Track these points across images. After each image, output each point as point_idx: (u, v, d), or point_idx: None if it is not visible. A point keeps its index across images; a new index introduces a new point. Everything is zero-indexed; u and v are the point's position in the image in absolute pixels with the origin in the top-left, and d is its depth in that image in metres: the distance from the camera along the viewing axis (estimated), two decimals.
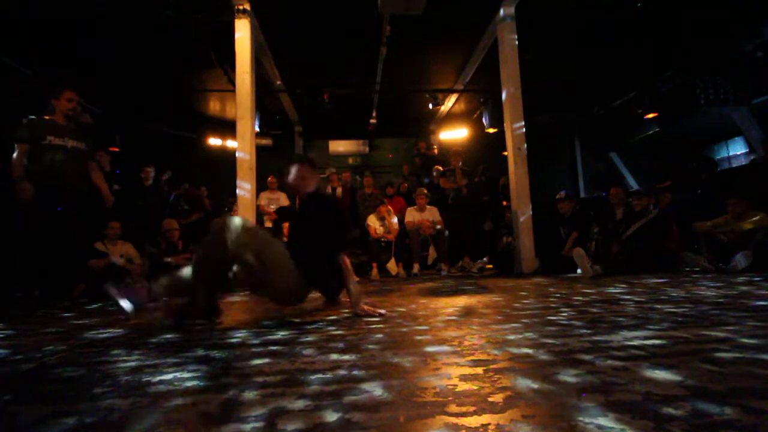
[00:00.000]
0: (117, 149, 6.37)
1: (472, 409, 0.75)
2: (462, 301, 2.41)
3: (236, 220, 1.83)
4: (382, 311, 1.97)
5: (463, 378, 0.93)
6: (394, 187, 6.78)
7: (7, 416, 0.81)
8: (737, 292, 2.22)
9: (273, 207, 6.15)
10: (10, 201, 3.11)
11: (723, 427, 0.64)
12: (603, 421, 0.67)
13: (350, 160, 9.41)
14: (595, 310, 1.84)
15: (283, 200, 6.32)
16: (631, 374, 0.90)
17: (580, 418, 0.68)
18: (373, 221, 5.23)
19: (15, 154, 3.13)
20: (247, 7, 4.40)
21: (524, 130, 4.66)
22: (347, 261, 2.09)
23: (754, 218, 3.75)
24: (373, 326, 1.66)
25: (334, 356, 1.18)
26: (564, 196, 4.82)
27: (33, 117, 3.26)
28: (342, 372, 1.02)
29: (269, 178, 6.29)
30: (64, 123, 3.34)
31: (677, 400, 0.75)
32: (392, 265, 5.01)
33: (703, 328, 1.35)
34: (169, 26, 4.78)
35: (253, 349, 1.33)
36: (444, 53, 6.15)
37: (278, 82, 6.67)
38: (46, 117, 3.31)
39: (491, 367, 1.01)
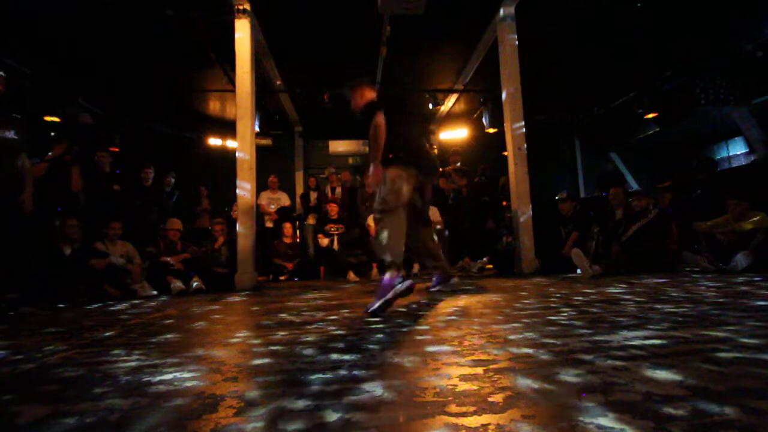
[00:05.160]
0: (117, 149, 6.37)
1: (472, 409, 0.75)
2: (462, 301, 2.41)
3: None
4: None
5: (463, 378, 0.93)
6: None
7: (7, 416, 0.81)
8: (737, 292, 2.22)
9: (273, 207, 6.15)
10: None
11: (723, 427, 0.64)
12: (603, 421, 0.67)
13: (350, 160, 9.40)
14: (595, 310, 1.84)
15: (284, 200, 6.32)
16: (631, 374, 0.90)
17: (580, 418, 0.68)
18: (373, 221, 5.23)
19: None
20: (247, 7, 4.40)
21: (524, 130, 4.66)
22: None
23: (754, 218, 3.75)
24: (374, 326, 1.66)
25: (335, 356, 1.18)
26: (565, 196, 4.82)
27: None
28: (342, 372, 1.02)
29: (270, 178, 6.29)
30: None
31: (677, 400, 0.74)
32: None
33: (703, 328, 1.35)
34: (169, 26, 4.78)
35: (254, 349, 1.33)
36: (444, 53, 6.15)
37: (278, 82, 6.66)
38: None
39: (491, 367, 1.01)
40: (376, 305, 1.97)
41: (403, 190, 2.41)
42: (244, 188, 4.25)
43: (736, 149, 8.71)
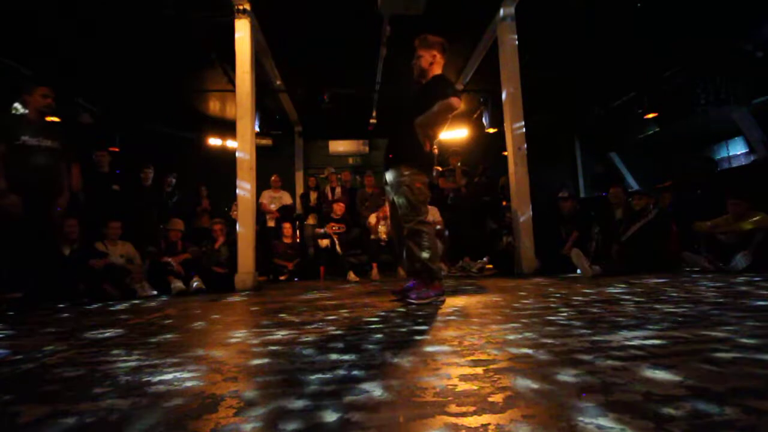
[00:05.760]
0: (117, 149, 6.37)
1: (472, 409, 0.75)
2: (462, 301, 2.41)
3: None
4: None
5: (463, 378, 0.93)
6: None
7: (7, 416, 0.81)
8: (737, 292, 2.22)
9: (275, 206, 6.16)
10: None
11: (723, 427, 0.64)
12: (603, 421, 0.67)
13: (350, 160, 9.41)
14: (595, 310, 1.84)
15: (286, 199, 6.34)
16: (631, 374, 0.90)
17: (580, 418, 0.68)
18: (375, 220, 5.24)
19: None
20: (247, 7, 4.40)
21: (524, 130, 4.66)
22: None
23: (754, 218, 3.75)
24: (373, 326, 1.66)
25: (334, 356, 1.18)
26: (567, 195, 4.83)
27: (9, 113, 3.02)
28: (342, 372, 1.02)
29: (273, 177, 6.32)
30: (37, 120, 3.07)
31: (677, 400, 0.74)
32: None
33: (703, 328, 1.35)
34: (169, 26, 4.78)
35: (253, 349, 1.33)
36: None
37: (278, 82, 6.66)
38: (19, 113, 3.05)
39: (491, 367, 1.01)
40: (415, 302, 2.28)
41: (428, 195, 2.50)
42: (244, 188, 4.25)
43: (736, 149, 8.71)
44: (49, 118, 3.29)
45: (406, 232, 2.44)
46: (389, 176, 2.52)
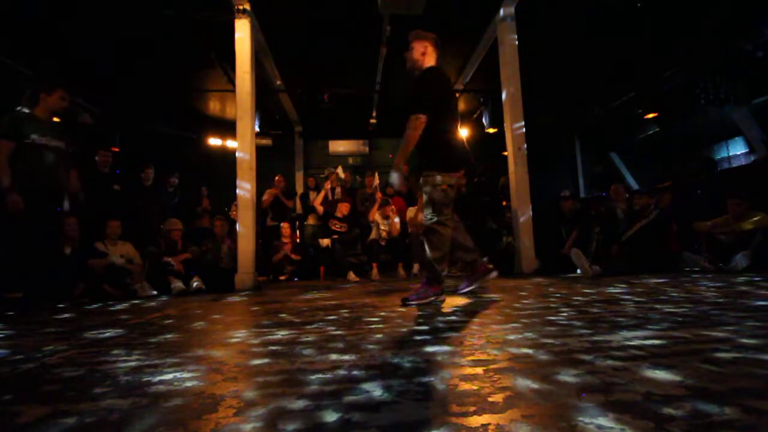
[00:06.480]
0: (117, 149, 6.37)
1: (472, 409, 0.75)
2: (462, 301, 2.41)
3: None
4: None
5: (463, 378, 0.93)
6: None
7: (7, 416, 0.81)
8: (737, 292, 2.22)
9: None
10: None
11: (723, 427, 0.64)
12: (603, 421, 0.67)
13: (350, 160, 9.41)
14: (595, 310, 1.84)
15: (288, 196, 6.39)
16: (631, 374, 0.90)
17: (580, 418, 0.68)
18: (377, 218, 5.24)
19: None
20: (247, 7, 4.40)
21: (524, 130, 4.66)
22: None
23: (754, 218, 3.75)
24: (373, 326, 1.66)
25: (334, 356, 1.18)
26: (568, 194, 4.84)
27: (18, 110, 3.00)
28: (342, 372, 1.02)
29: (276, 177, 6.34)
30: (46, 120, 3.10)
31: (677, 400, 0.74)
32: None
33: (703, 328, 1.35)
34: (169, 26, 4.78)
35: (253, 349, 1.33)
36: (444, 53, 6.12)
37: (278, 82, 6.66)
38: (26, 111, 3.03)
39: (491, 367, 1.01)
40: (414, 302, 2.28)
41: (452, 197, 2.53)
42: (244, 188, 4.25)
43: (736, 149, 8.72)
44: (54, 119, 3.31)
45: (422, 229, 2.50)
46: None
